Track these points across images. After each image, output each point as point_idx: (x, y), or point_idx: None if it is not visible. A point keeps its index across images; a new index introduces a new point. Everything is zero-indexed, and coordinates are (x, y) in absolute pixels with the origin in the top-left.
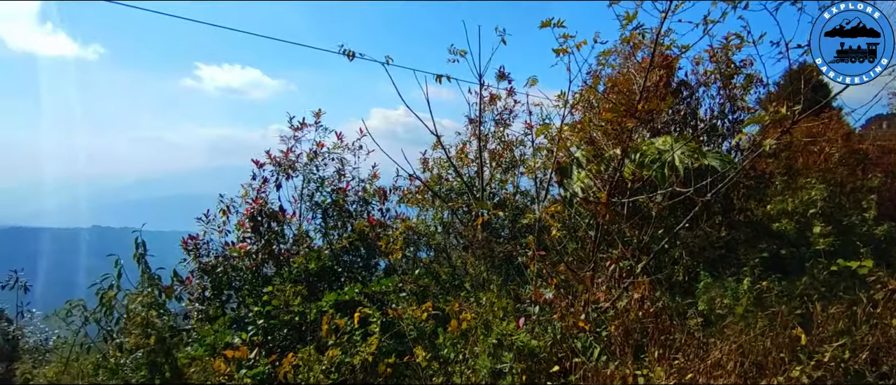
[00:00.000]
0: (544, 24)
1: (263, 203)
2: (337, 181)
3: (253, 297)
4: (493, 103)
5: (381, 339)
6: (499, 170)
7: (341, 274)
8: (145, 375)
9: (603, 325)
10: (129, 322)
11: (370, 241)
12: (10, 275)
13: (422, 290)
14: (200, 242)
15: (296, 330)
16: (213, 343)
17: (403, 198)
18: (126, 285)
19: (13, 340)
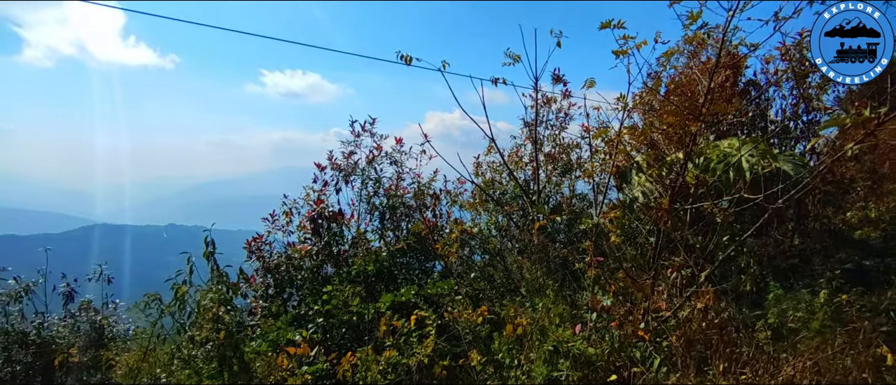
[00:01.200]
0: (604, 26)
1: (324, 205)
2: (394, 184)
3: (313, 296)
4: (547, 106)
5: (437, 341)
6: (555, 173)
7: (398, 275)
8: (216, 368)
9: (663, 334)
10: (199, 316)
11: (426, 243)
12: (96, 269)
13: (477, 294)
14: (263, 242)
15: (354, 329)
16: (276, 339)
17: (455, 200)
18: (197, 281)
19: (99, 329)
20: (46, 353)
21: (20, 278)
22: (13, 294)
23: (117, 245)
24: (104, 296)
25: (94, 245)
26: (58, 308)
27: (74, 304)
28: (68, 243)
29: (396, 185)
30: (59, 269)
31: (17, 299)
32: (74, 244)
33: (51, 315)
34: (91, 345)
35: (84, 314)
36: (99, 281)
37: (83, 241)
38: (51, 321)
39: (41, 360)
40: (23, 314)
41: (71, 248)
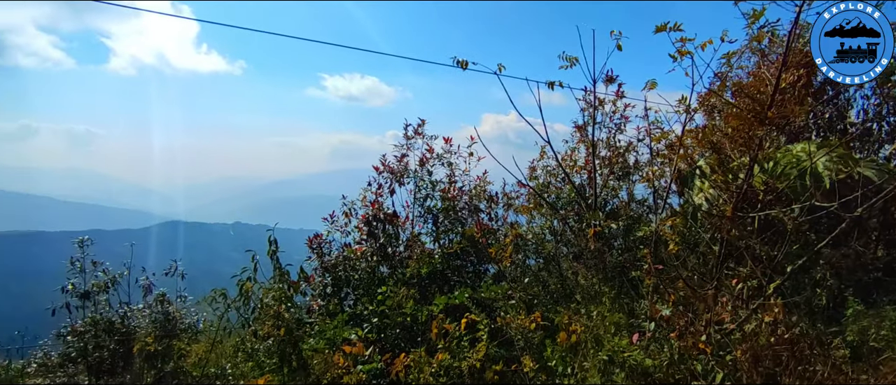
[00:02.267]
0: (659, 29)
1: (379, 207)
2: (447, 186)
3: (368, 296)
4: (601, 107)
5: (489, 345)
6: (612, 177)
7: (451, 278)
8: (276, 363)
9: (727, 348)
10: (262, 312)
11: (480, 246)
12: (171, 264)
13: (530, 299)
14: (324, 242)
15: (407, 330)
16: (333, 337)
17: (510, 204)
18: (260, 278)
19: (172, 320)
20: (128, 340)
21: (108, 270)
22: (102, 285)
23: (189, 241)
24: (177, 289)
25: (168, 240)
26: (138, 299)
27: (152, 296)
28: (146, 238)
29: (450, 187)
30: (138, 263)
31: (105, 290)
32: (151, 239)
33: (132, 306)
34: (165, 335)
35: (159, 306)
36: (173, 275)
37: (159, 237)
38: (132, 311)
39: (124, 347)
40: (109, 303)
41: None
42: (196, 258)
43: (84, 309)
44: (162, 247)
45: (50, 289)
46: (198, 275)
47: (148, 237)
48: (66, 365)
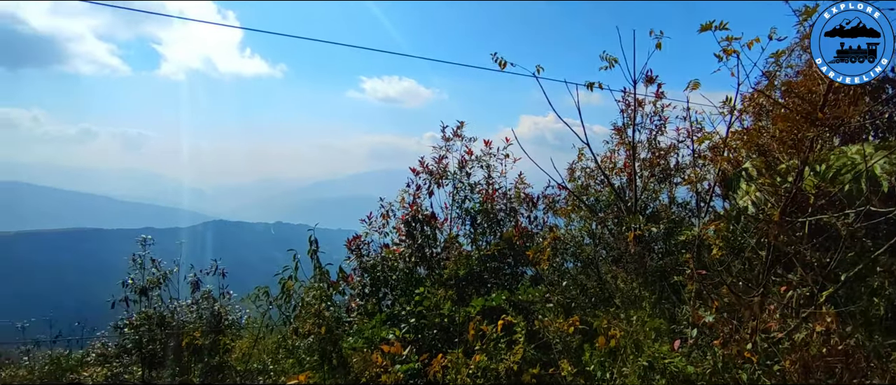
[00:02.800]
0: (704, 28)
1: (417, 209)
2: (485, 188)
3: (406, 296)
4: (641, 108)
5: (526, 348)
6: (652, 180)
7: (488, 280)
8: (317, 360)
9: (775, 357)
10: (303, 311)
11: (517, 248)
12: (213, 263)
13: (568, 302)
14: (362, 243)
15: (444, 331)
16: (371, 337)
17: (550, 207)
18: (301, 277)
19: (217, 317)
20: (177, 334)
21: (160, 267)
22: (155, 281)
23: (232, 239)
24: (221, 286)
25: (213, 238)
26: (186, 295)
27: (199, 292)
28: (193, 236)
29: (488, 189)
30: (185, 260)
31: (158, 285)
32: (198, 237)
33: (181, 301)
34: (211, 330)
35: (206, 302)
36: (216, 274)
37: (205, 235)
38: (181, 307)
39: (173, 341)
40: (161, 298)
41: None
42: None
43: (140, 303)
44: (207, 245)
45: (106, 283)
46: (241, 273)
47: (195, 235)
48: (121, 355)
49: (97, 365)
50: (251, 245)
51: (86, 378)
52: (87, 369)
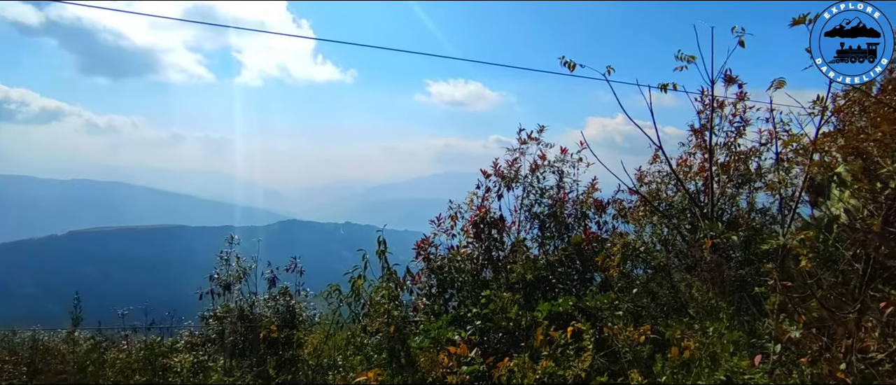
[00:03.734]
0: (796, 22)
1: (486, 211)
2: (556, 193)
3: (472, 298)
4: (719, 110)
5: (595, 356)
6: (730, 184)
7: (556, 285)
8: (385, 358)
9: (873, 380)
10: (372, 309)
11: (586, 254)
12: (291, 261)
13: (639, 311)
14: (430, 244)
15: (510, 335)
16: (437, 337)
17: (620, 212)
18: (369, 276)
19: (292, 312)
20: (255, 327)
21: (241, 263)
22: (237, 276)
23: (304, 238)
24: (297, 283)
25: (286, 237)
26: (263, 290)
27: (276, 288)
28: (269, 235)
29: (558, 193)
30: (262, 257)
31: (239, 280)
32: (273, 235)
33: (259, 296)
34: (286, 325)
35: (282, 298)
36: (293, 271)
37: (278, 234)
38: (258, 301)
39: (252, 333)
40: (241, 292)
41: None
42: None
43: (223, 296)
44: (281, 243)
45: (191, 276)
46: (311, 270)
47: (270, 233)
48: (206, 344)
49: (185, 352)
50: (321, 244)
51: (175, 363)
52: (176, 355)
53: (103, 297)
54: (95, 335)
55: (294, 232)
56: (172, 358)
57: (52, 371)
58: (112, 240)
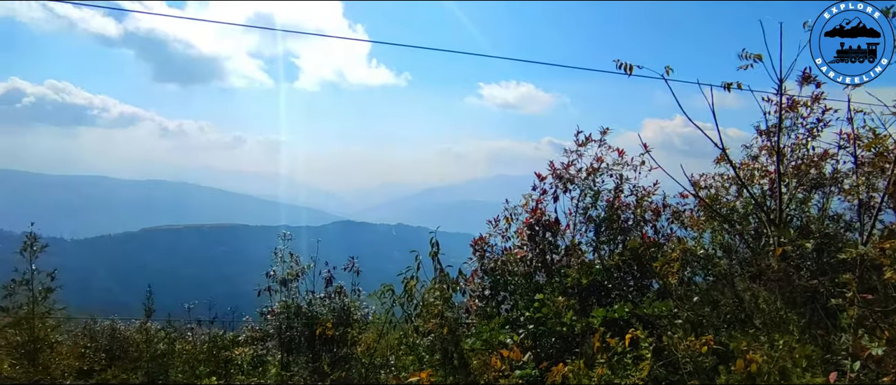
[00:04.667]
0: (887, 12)
1: (541, 214)
2: (612, 197)
3: (525, 302)
4: (793, 111)
5: (653, 365)
6: (801, 189)
7: (611, 290)
8: (438, 359)
9: None
10: (424, 310)
11: (643, 259)
12: (349, 260)
13: (698, 320)
14: (487, 244)
15: (563, 340)
16: (489, 339)
17: (676, 216)
18: (422, 277)
19: (347, 310)
20: (311, 324)
21: (298, 261)
22: (294, 274)
23: (357, 239)
24: (353, 283)
25: (341, 237)
26: (320, 289)
27: (332, 287)
28: (324, 234)
29: (615, 197)
30: (319, 256)
31: (296, 278)
32: (328, 235)
33: (316, 294)
34: (340, 323)
35: (337, 297)
36: (350, 271)
37: (334, 234)
38: (315, 299)
39: (308, 330)
40: (299, 290)
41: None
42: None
43: (281, 293)
44: (336, 243)
45: (251, 273)
46: (364, 270)
47: (325, 233)
48: (265, 339)
49: (245, 345)
50: (373, 244)
51: (236, 356)
52: (237, 349)
53: (171, 290)
54: (165, 327)
55: (348, 232)
56: (234, 351)
57: (128, 358)
58: (180, 237)
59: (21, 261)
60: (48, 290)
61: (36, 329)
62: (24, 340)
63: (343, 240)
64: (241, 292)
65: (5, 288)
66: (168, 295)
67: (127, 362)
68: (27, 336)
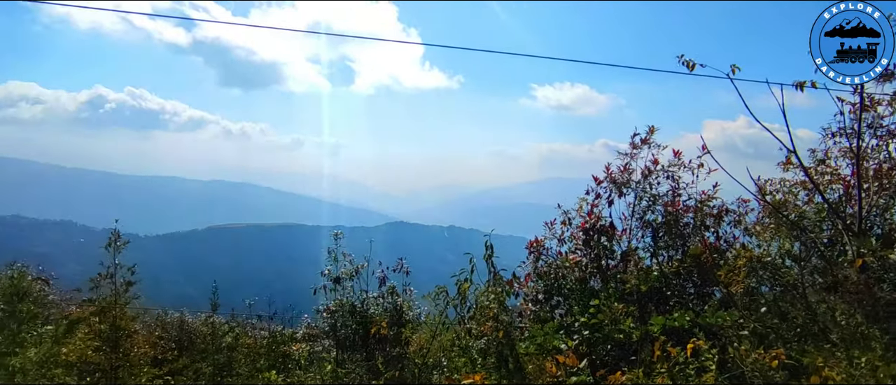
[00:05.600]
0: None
1: (597, 218)
2: (670, 200)
3: (580, 307)
4: (871, 110)
5: (718, 378)
6: (882, 195)
7: (670, 298)
8: (494, 362)
9: None
10: (478, 312)
11: (705, 266)
12: (398, 261)
13: (766, 332)
14: (543, 247)
15: (619, 347)
16: (542, 344)
17: (740, 222)
18: (475, 279)
19: (399, 311)
20: (365, 323)
21: (352, 261)
22: (348, 273)
23: (410, 240)
24: (404, 283)
25: (394, 238)
26: (373, 288)
27: (385, 287)
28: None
29: (673, 200)
30: (373, 256)
31: (350, 277)
32: (382, 236)
33: (370, 293)
34: (393, 323)
35: (390, 297)
36: (399, 272)
37: (387, 234)
38: (368, 298)
39: (362, 329)
40: (353, 289)
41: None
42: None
43: (335, 292)
44: (389, 243)
45: (307, 272)
46: (415, 271)
47: (378, 234)
48: (321, 337)
49: (303, 342)
50: (426, 246)
51: (294, 352)
52: (295, 345)
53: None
54: (229, 321)
55: (401, 233)
56: (292, 346)
57: (195, 349)
58: (242, 235)
59: (104, 254)
60: (129, 284)
61: (117, 319)
62: (107, 329)
63: (395, 240)
64: (298, 289)
65: (92, 281)
66: (230, 290)
67: (195, 353)
68: (110, 325)
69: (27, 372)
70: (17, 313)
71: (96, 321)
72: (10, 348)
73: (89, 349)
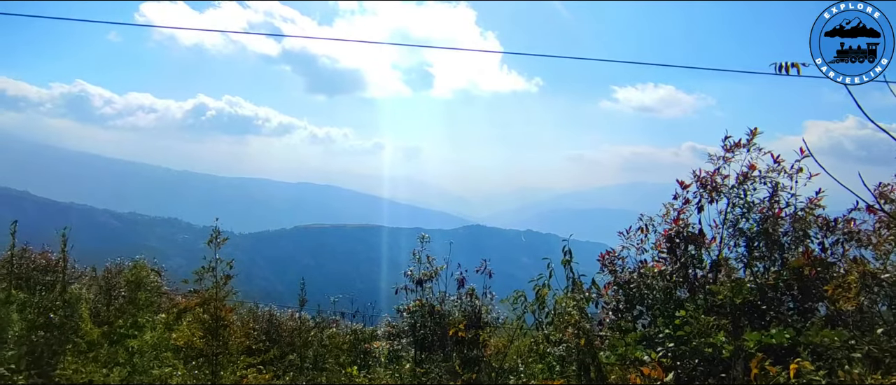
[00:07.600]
0: None
1: (684, 225)
2: (767, 208)
3: (664, 318)
4: None
5: None
6: None
7: (766, 312)
8: (574, 370)
9: None
10: (557, 318)
11: (807, 280)
12: (481, 263)
13: (883, 356)
14: (616, 257)
15: (708, 362)
16: (624, 354)
17: (846, 233)
18: (553, 285)
19: (478, 313)
20: (443, 325)
21: (432, 262)
22: (429, 274)
23: (486, 243)
24: (485, 285)
25: (471, 241)
26: (452, 290)
27: (464, 289)
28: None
29: (771, 207)
30: (452, 258)
31: (430, 279)
32: (459, 239)
33: (449, 295)
34: (471, 325)
35: (469, 299)
36: (482, 273)
37: (465, 237)
38: (448, 300)
39: (440, 330)
40: (433, 291)
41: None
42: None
43: (416, 292)
44: (466, 246)
45: (387, 272)
46: (498, 275)
47: (456, 237)
48: (400, 336)
49: (383, 340)
50: (502, 250)
51: (375, 349)
52: (375, 342)
53: (318, 284)
54: (315, 317)
55: (478, 236)
56: (373, 344)
57: (283, 342)
58: (326, 235)
59: (206, 250)
60: (227, 277)
61: (218, 310)
62: (209, 318)
63: (473, 244)
64: (378, 288)
65: (196, 273)
66: (315, 288)
67: (283, 345)
68: (211, 315)
69: (144, 353)
70: (136, 300)
71: (200, 311)
72: (130, 332)
73: (195, 336)
